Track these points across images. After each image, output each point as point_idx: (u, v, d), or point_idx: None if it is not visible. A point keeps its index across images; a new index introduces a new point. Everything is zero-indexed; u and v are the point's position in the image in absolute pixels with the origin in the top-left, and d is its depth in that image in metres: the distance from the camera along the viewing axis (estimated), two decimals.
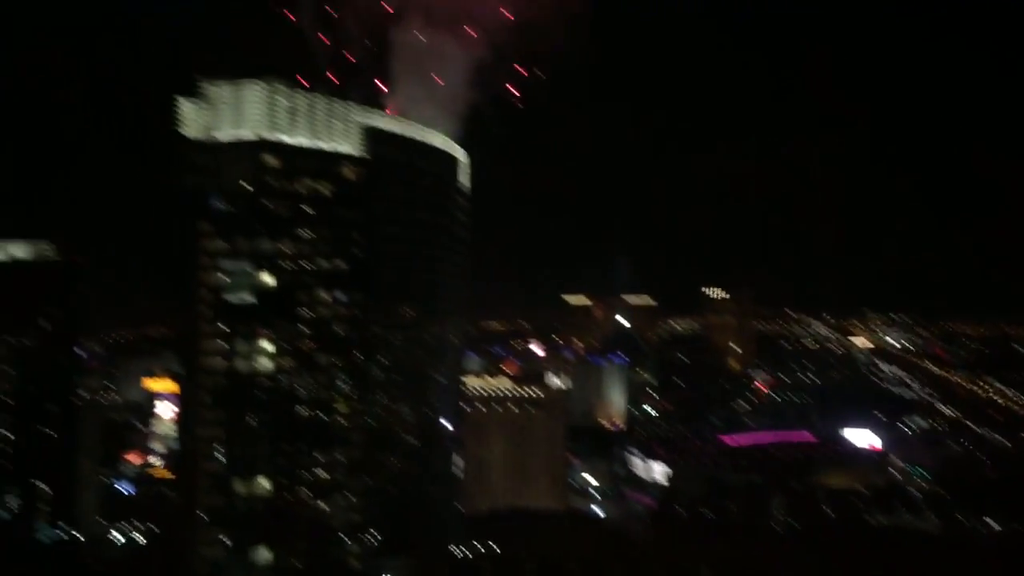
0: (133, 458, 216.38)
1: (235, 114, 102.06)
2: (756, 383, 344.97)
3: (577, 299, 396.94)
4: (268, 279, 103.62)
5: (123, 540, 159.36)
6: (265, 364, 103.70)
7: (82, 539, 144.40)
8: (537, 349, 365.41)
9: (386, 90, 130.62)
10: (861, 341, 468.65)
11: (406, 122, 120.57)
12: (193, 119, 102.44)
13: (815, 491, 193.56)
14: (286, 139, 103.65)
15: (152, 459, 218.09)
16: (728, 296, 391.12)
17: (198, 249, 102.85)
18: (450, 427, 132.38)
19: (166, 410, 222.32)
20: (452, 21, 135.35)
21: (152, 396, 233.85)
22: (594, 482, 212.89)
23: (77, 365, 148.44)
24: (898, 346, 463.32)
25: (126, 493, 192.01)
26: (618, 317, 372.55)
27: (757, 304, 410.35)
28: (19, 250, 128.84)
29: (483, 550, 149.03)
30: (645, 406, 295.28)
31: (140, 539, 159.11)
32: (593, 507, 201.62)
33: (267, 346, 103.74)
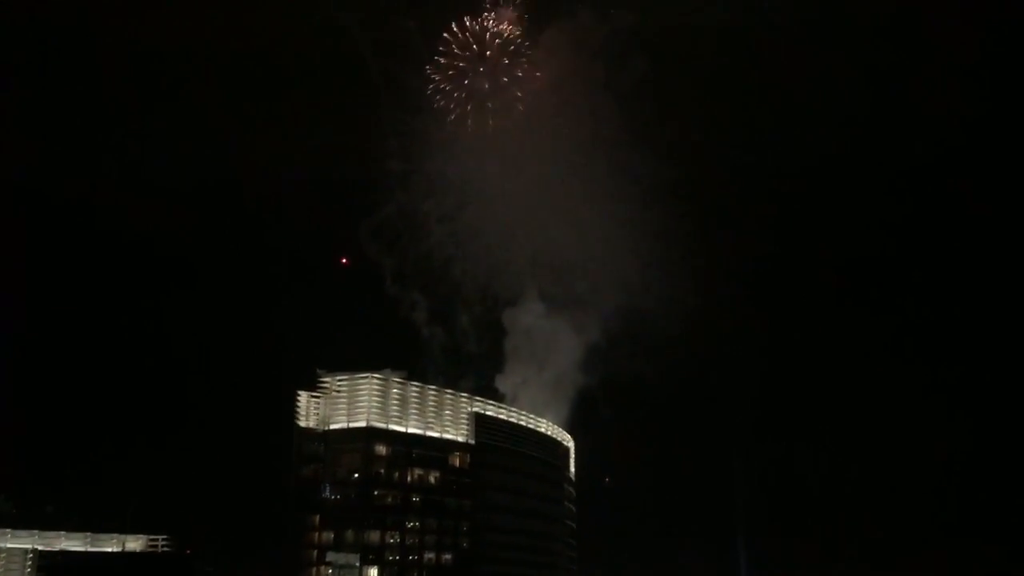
0: None
1: (349, 404, 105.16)
2: None
3: None
4: (374, 573, 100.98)
5: None
6: None
7: None
8: None
9: (497, 376, 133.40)
10: None
11: (514, 409, 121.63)
12: (309, 410, 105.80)
13: None
14: (397, 427, 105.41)
15: None
16: None
17: (305, 542, 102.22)
18: None
19: None
20: (564, 307, 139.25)
21: None
22: None
23: None
24: None
25: None
26: None
27: None
28: (133, 542, 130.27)
29: None
30: None
31: None
32: None
33: None
